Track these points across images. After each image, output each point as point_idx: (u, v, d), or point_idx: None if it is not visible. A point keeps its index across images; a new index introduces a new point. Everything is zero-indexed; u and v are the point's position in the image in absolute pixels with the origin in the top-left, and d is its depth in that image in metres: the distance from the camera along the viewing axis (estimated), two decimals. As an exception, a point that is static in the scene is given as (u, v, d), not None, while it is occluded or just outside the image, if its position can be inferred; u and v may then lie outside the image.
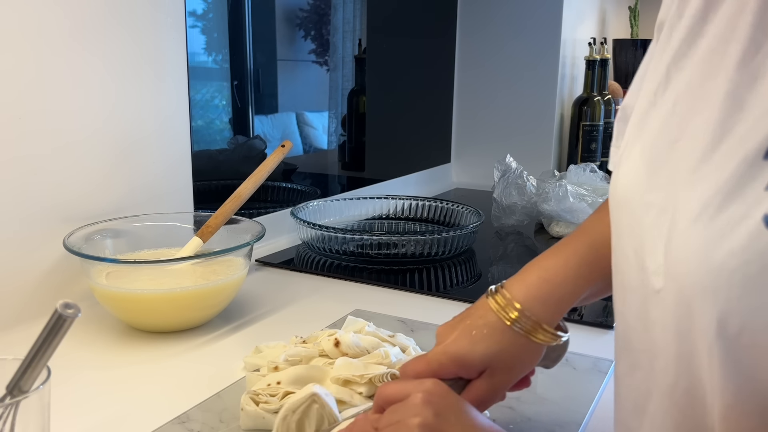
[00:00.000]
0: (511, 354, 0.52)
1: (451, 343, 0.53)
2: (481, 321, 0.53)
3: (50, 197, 0.84)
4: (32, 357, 0.42)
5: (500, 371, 0.52)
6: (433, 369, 0.52)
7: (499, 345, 0.52)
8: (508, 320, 0.52)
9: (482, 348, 0.52)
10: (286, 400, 0.58)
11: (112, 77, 0.89)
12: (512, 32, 1.82)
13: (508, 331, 0.52)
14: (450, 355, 0.52)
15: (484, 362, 0.52)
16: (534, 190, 1.32)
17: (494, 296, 0.54)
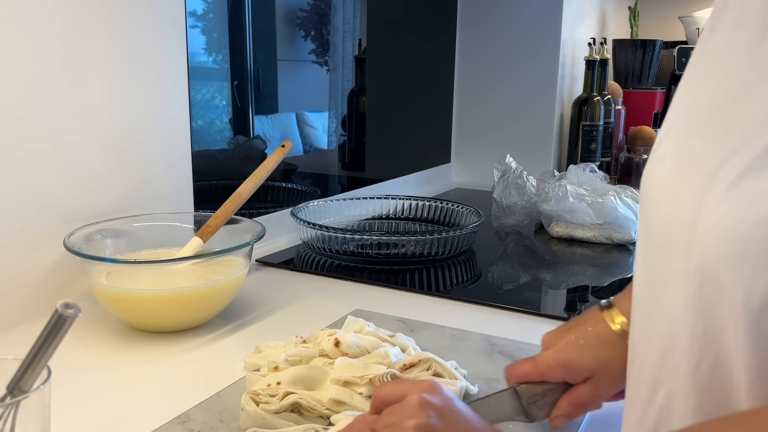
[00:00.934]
0: (618, 364, 0.53)
1: (561, 348, 0.55)
2: (592, 330, 0.55)
3: (51, 197, 0.84)
4: (32, 357, 0.42)
5: (605, 380, 0.54)
6: (541, 371, 0.55)
7: (608, 355, 0.54)
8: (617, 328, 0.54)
9: (591, 356, 0.54)
10: (286, 401, 0.58)
11: (113, 77, 0.90)
12: (512, 32, 1.82)
13: (617, 342, 0.54)
14: (559, 360, 0.54)
15: (591, 370, 0.54)
16: (534, 190, 1.32)
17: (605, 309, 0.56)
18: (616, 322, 0.55)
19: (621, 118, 2.01)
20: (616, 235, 1.25)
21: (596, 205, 1.25)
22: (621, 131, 2.01)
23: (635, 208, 1.27)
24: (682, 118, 0.43)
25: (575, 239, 1.28)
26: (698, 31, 2.21)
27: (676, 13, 2.35)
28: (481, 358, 0.74)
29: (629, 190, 1.36)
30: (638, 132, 1.90)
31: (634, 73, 2.21)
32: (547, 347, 0.57)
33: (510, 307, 0.92)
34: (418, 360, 0.65)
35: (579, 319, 0.58)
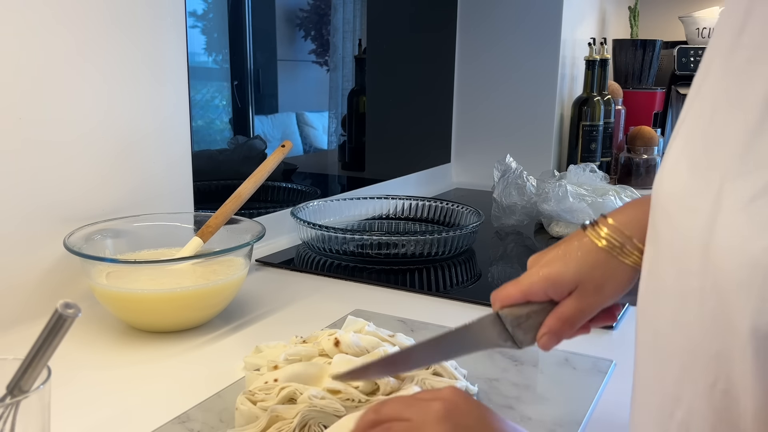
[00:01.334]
0: (602, 273, 0.53)
1: (544, 264, 0.54)
2: (576, 244, 0.55)
3: (51, 197, 0.84)
4: (32, 357, 0.42)
5: (590, 291, 0.54)
6: (523, 289, 0.54)
7: (592, 264, 0.53)
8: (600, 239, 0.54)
9: (574, 266, 0.53)
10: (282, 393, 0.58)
11: (113, 78, 0.89)
12: (512, 32, 1.82)
13: (601, 252, 0.53)
14: (542, 276, 0.54)
15: (575, 280, 0.53)
16: (534, 190, 1.32)
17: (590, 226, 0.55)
18: (601, 237, 0.54)
19: (621, 118, 2.01)
20: (616, 235, 1.25)
21: (596, 205, 1.25)
22: (621, 131, 2.01)
23: (635, 208, 1.27)
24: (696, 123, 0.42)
25: (575, 239, 1.28)
26: (698, 31, 2.21)
27: (676, 13, 2.35)
28: (481, 358, 0.74)
29: (629, 190, 1.36)
30: (638, 132, 1.90)
31: (634, 73, 2.21)
32: (531, 266, 0.56)
33: (510, 307, 0.92)
34: (418, 360, 0.65)
35: (565, 238, 0.57)
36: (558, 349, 0.76)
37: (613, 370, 0.73)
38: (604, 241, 0.54)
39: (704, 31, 2.21)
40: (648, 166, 1.90)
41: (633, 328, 0.63)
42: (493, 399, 0.65)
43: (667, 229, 0.42)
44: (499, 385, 0.68)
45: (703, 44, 2.21)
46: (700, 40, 2.22)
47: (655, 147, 1.89)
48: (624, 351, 0.77)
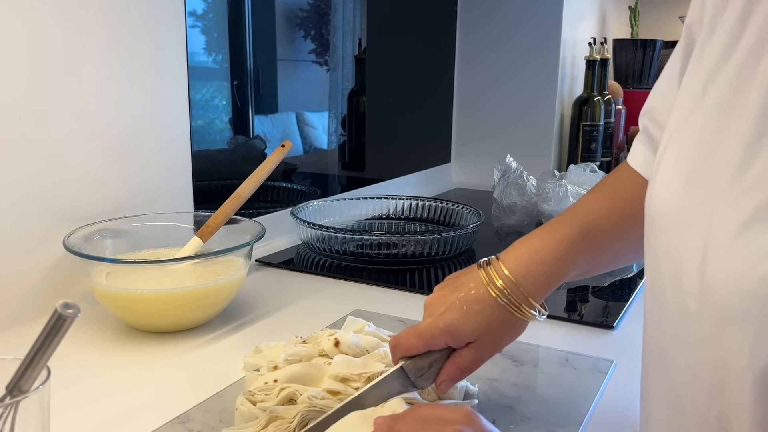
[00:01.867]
0: (499, 328, 0.56)
1: (444, 314, 0.56)
2: (473, 295, 0.56)
3: (50, 197, 0.84)
4: (32, 357, 0.42)
5: (487, 344, 0.56)
6: (426, 341, 0.56)
7: (489, 320, 0.55)
8: (496, 293, 0.56)
9: (473, 322, 0.55)
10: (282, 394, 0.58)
11: (112, 77, 0.89)
12: (512, 32, 1.82)
13: (497, 307, 0.56)
14: (443, 327, 0.56)
15: (473, 335, 0.55)
16: (534, 190, 1.32)
17: (486, 268, 0.58)
18: (496, 287, 0.56)
19: (621, 118, 2.01)
20: (616, 235, 1.25)
21: (596, 205, 1.24)
22: (621, 131, 2.01)
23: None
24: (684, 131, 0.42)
25: (575, 239, 1.28)
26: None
27: (676, 13, 2.35)
28: (481, 358, 0.74)
29: (629, 190, 1.36)
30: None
31: (635, 72, 2.21)
32: (430, 312, 0.58)
33: (510, 307, 0.92)
34: (417, 359, 0.65)
35: (461, 279, 0.59)
36: (558, 349, 0.77)
37: (613, 370, 0.72)
38: (503, 299, 0.55)
39: (704, 31, 2.20)
40: (648, 166, 1.89)
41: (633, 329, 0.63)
42: (493, 399, 0.65)
43: (663, 241, 0.42)
44: (499, 385, 0.67)
45: (703, 44, 2.21)
46: (700, 40, 2.22)
47: (655, 147, 1.89)
48: (624, 351, 0.77)
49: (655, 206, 0.43)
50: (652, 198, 0.44)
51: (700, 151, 0.39)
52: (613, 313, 0.91)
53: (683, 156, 0.41)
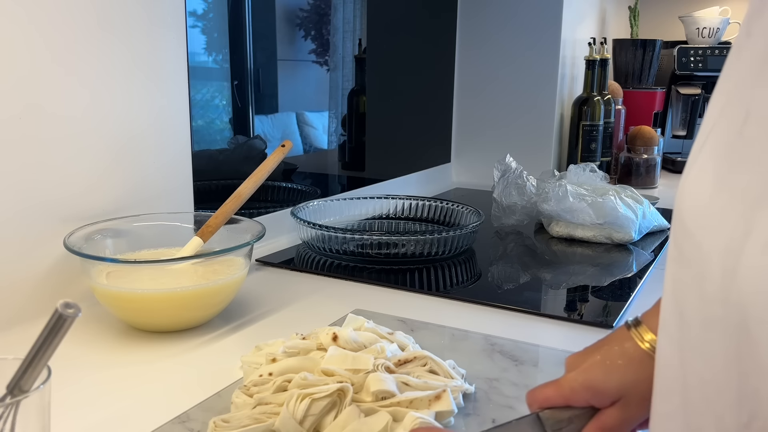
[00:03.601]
0: (648, 384, 0.49)
1: (586, 369, 0.51)
2: (618, 350, 0.52)
3: (51, 197, 0.84)
4: (32, 357, 0.42)
5: (634, 402, 0.51)
6: (565, 394, 0.51)
7: (636, 375, 0.50)
8: (646, 346, 0.51)
9: (618, 377, 0.50)
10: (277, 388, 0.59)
11: (113, 78, 0.90)
12: (512, 32, 1.82)
13: (646, 361, 0.50)
14: (583, 383, 0.51)
15: (619, 392, 0.50)
16: (534, 190, 1.32)
17: (633, 326, 0.52)
18: (645, 341, 0.51)
19: (621, 118, 2.01)
20: (616, 235, 1.25)
21: (596, 205, 1.25)
22: (621, 131, 2.01)
23: (635, 208, 1.27)
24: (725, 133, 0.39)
25: (575, 239, 1.28)
26: (698, 31, 2.22)
27: (676, 13, 2.35)
28: (481, 358, 0.74)
29: (629, 190, 1.36)
30: (638, 132, 1.90)
31: (634, 72, 2.21)
32: (571, 369, 0.53)
33: (510, 307, 0.92)
34: (413, 356, 0.65)
35: (605, 339, 0.54)
36: (558, 349, 0.77)
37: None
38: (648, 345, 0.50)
39: (704, 31, 2.21)
40: (648, 166, 1.90)
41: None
42: (493, 399, 0.65)
43: (689, 247, 0.40)
44: (499, 385, 0.68)
45: (703, 44, 2.21)
46: (700, 39, 2.22)
47: (655, 147, 1.89)
48: (624, 351, 0.77)
49: (684, 209, 0.41)
50: (682, 200, 0.42)
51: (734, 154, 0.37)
52: (613, 313, 0.91)
53: (716, 157, 0.39)
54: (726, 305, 0.36)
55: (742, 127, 0.38)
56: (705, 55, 2.16)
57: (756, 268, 0.34)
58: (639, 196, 1.34)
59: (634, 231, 1.24)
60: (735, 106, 0.39)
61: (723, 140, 0.39)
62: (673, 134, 2.26)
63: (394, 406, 0.58)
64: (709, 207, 0.38)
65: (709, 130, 0.41)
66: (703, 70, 2.16)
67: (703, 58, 2.16)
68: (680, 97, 2.21)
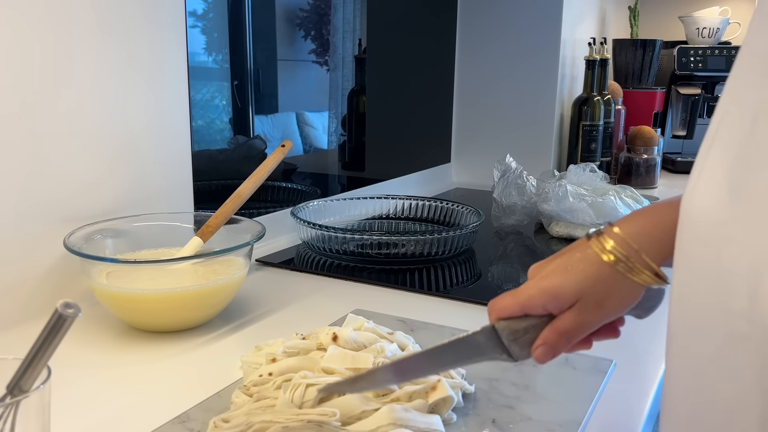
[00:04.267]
0: (605, 288, 0.49)
1: (544, 276, 0.51)
2: (578, 255, 0.51)
3: (51, 197, 0.84)
4: (32, 357, 0.42)
5: (591, 306, 0.50)
6: (521, 301, 0.50)
7: (594, 278, 0.49)
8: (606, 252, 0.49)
9: (575, 279, 0.49)
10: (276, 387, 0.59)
11: (113, 78, 0.89)
12: (512, 32, 1.82)
13: (605, 267, 0.49)
14: (541, 288, 0.50)
15: (575, 293, 0.49)
16: (534, 190, 1.32)
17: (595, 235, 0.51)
18: (607, 250, 0.49)
19: (621, 118, 2.01)
20: (616, 235, 1.25)
21: (596, 205, 1.25)
22: (621, 131, 2.01)
23: (635, 208, 1.27)
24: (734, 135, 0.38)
25: (575, 239, 1.28)
26: (698, 31, 2.22)
27: (676, 13, 2.35)
28: (481, 358, 0.74)
29: (629, 190, 1.36)
30: (638, 132, 1.90)
31: (634, 72, 2.21)
32: (530, 277, 0.53)
33: (510, 307, 0.92)
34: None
35: (568, 247, 0.53)
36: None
37: (613, 370, 0.73)
38: (611, 255, 0.49)
39: (704, 31, 2.21)
40: (648, 166, 1.90)
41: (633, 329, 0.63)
42: (493, 399, 0.65)
43: (705, 255, 0.38)
44: (499, 385, 0.68)
45: (703, 44, 2.21)
46: (700, 39, 2.22)
47: (655, 147, 1.89)
48: (624, 351, 0.77)
49: (695, 214, 0.40)
50: (692, 205, 0.40)
51: (746, 158, 0.36)
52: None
53: (726, 161, 0.38)
54: (752, 323, 0.35)
55: (752, 128, 0.36)
56: (705, 55, 2.16)
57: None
58: (639, 196, 1.34)
59: (634, 231, 1.24)
60: (742, 106, 0.38)
61: (732, 142, 0.38)
62: (673, 134, 2.26)
63: (393, 401, 0.58)
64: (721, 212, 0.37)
65: (714, 133, 0.40)
66: (703, 70, 2.16)
67: (703, 58, 2.16)
68: (680, 97, 2.21)
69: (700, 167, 0.41)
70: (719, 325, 0.37)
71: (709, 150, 0.40)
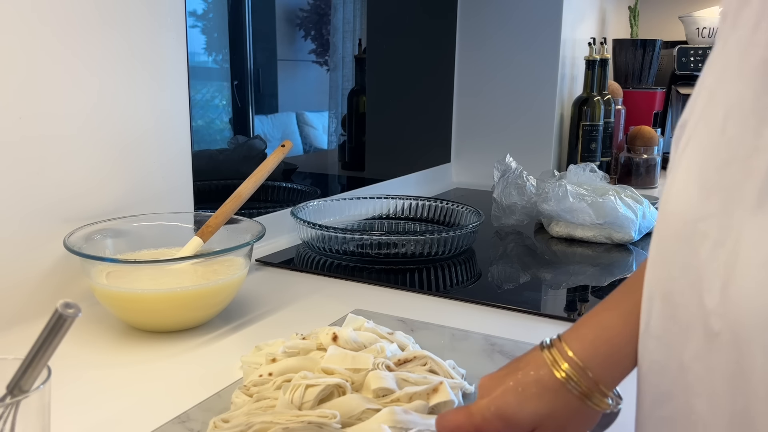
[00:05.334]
0: (563, 417, 0.47)
1: (498, 397, 0.48)
2: (533, 376, 0.48)
3: (51, 197, 0.84)
4: (33, 357, 0.42)
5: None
6: (476, 423, 0.47)
7: (551, 406, 0.47)
8: (562, 376, 0.47)
9: (532, 407, 0.47)
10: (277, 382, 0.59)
11: (113, 78, 0.90)
12: (512, 32, 1.82)
13: (561, 391, 0.47)
14: (495, 411, 0.47)
15: (532, 422, 0.47)
16: (534, 190, 1.32)
17: (549, 349, 0.49)
18: (561, 369, 0.47)
19: (621, 118, 2.01)
20: (616, 235, 1.25)
21: (596, 205, 1.25)
22: (621, 131, 2.01)
23: (635, 208, 1.27)
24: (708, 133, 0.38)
25: (575, 239, 1.28)
26: (698, 30, 2.22)
27: (676, 13, 2.35)
28: (481, 358, 0.74)
29: (629, 190, 1.36)
30: (638, 132, 1.90)
31: (634, 72, 2.21)
32: (483, 394, 0.49)
33: (510, 307, 0.92)
34: (413, 356, 0.65)
35: (521, 361, 0.50)
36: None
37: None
38: (571, 385, 0.47)
39: (704, 31, 2.21)
40: (648, 165, 1.90)
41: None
42: (493, 399, 0.65)
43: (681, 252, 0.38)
44: (499, 385, 0.67)
45: (703, 44, 2.21)
46: (700, 39, 2.22)
47: (655, 147, 1.89)
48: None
49: (671, 211, 0.40)
50: (668, 201, 0.41)
51: (719, 154, 0.36)
52: None
53: (701, 157, 0.38)
54: (723, 320, 0.35)
55: (723, 124, 0.36)
56: (705, 55, 2.16)
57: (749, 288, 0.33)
58: (639, 196, 1.34)
59: (634, 231, 1.24)
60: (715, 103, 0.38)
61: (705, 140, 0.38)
62: (673, 134, 2.26)
63: (393, 402, 0.58)
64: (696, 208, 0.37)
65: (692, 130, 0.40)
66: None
67: (703, 58, 2.16)
68: (680, 97, 2.21)
69: (675, 167, 0.41)
70: (699, 322, 0.37)
71: (686, 145, 0.40)
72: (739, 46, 0.37)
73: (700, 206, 0.37)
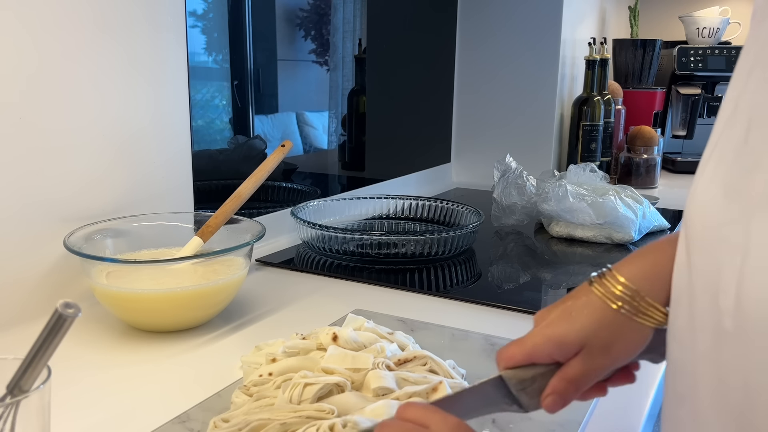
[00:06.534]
0: (611, 332, 0.49)
1: (548, 324, 0.50)
2: (582, 301, 0.50)
3: (51, 197, 0.84)
4: (32, 357, 0.42)
5: (597, 352, 0.49)
6: (527, 351, 0.50)
7: (599, 323, 0.49)
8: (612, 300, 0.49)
9: (579, 326, 0.49)
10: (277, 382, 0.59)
11: (113, 78, 0.90)
12: (512, 32, 1.82)
13: (609, 311, 0.49)
14: (545, 336, 0.49)
15: (580, 340, 0.49)
16: (534, 189, 1.32)
17: (597, 280, 0.51)
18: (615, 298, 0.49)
19: (621, 118, 2.01)
20: (616, 235, 1.25)
21: (596, 205, 1.25)
22: (621, 131, 2.01)
23: (635, 208, 1.27)
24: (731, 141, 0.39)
25: (575, 239, 1.28)
26: (698, 30, 2.22)
27: (676, 13, 2.35)
28: (481, 358, 0.74)
29: (629, 189, 1.36)
30: (638, 132, 1.90)
31: (634, 72, 2.21)
32: (535, 324, 0.52)
33: (510, 307, 0.92)
34: (413, 356, 0.65)
35: (572, 293, 0.53)
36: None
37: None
38: (619, 302, 0.49)
39: (704, 31, 2.21)
40: (648, 165, 1.90)
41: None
42: (493, 399, 0.65)
43: (700, 258, 0.39)
44: (499, 385, 0.67)
45: (703, 44, 2.21)
46: (700, 39, 2.22)
47: (655, 147, 1.89)
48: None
49: (693, 217, 0.40)
50: (692, 208, 0.41)
51: (740, 162, 0.37)
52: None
53: (725, 165, 0.38)
54: (737, 322, 0.35)
55: (747, 132, 0.37)
56: (705, 55, 2.16)
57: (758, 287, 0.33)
58: (639, 196, 1.34)
59: (634, 231, 1.24)
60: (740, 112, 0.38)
61: (730, 146, 0.39)
62: (673, 134, 2.26)
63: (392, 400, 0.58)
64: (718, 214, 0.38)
65: (716, 139, 0.41)
66: (703, 70, 2.16)
67: (703, 58, 2.16)
68: (680, 97, 2.21)
69: (702, 170, 0.42)
70: (712, 323, 0.38)
71: (711, 153, 0.41)
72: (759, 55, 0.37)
73: (722, 212, 0.37)
